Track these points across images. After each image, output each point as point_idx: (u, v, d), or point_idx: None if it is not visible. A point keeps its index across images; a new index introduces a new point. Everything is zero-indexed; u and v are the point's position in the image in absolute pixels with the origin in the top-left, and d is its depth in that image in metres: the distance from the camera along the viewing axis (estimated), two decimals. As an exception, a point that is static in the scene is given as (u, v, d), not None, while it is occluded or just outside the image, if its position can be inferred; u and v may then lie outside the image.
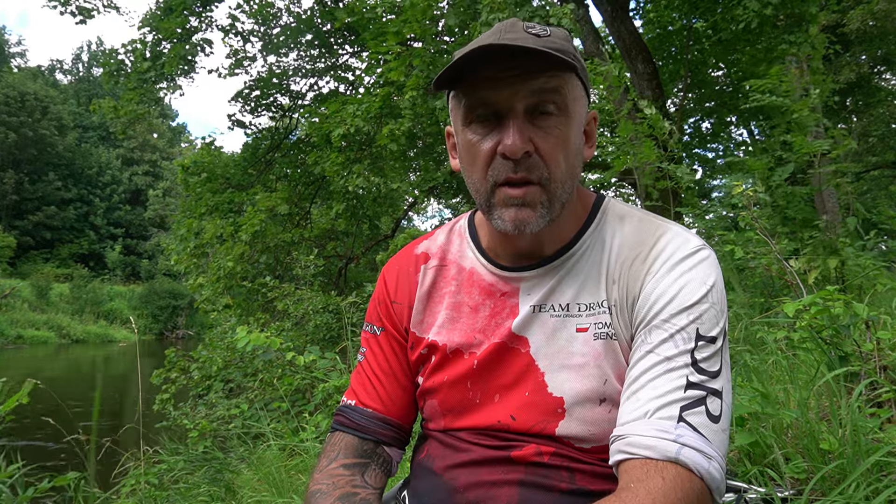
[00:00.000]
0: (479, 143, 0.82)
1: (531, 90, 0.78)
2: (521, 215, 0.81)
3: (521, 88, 0.78)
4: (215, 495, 2.90)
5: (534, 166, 0.80)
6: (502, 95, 0.79)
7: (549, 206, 0.81)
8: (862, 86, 12.10)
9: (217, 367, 5.92)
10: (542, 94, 0.79)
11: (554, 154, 0.80)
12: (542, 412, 0.85)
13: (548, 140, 0.80)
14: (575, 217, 0.90)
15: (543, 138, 0.80)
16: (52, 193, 42.32)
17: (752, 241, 3.06)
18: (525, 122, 0.79)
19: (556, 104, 0.80)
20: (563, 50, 0.79)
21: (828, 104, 6.55)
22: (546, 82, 0.78)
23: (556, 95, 0.79)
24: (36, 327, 29.30)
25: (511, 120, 0.79)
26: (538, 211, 0.81)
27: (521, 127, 0.79)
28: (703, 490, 0.71)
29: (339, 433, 0.98)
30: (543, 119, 0.80)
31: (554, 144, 0.80)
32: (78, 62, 61.99)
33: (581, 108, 0.84)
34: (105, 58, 9.40)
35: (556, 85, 0.79)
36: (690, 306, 0.79)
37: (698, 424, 0.73)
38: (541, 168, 0.80)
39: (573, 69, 0.79)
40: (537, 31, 0.80)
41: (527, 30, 0.80)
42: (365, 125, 6.48)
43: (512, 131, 0.78)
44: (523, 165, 0.80)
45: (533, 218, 0.81)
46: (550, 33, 0.81)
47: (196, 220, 9.10)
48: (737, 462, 1.63)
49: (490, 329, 0.90)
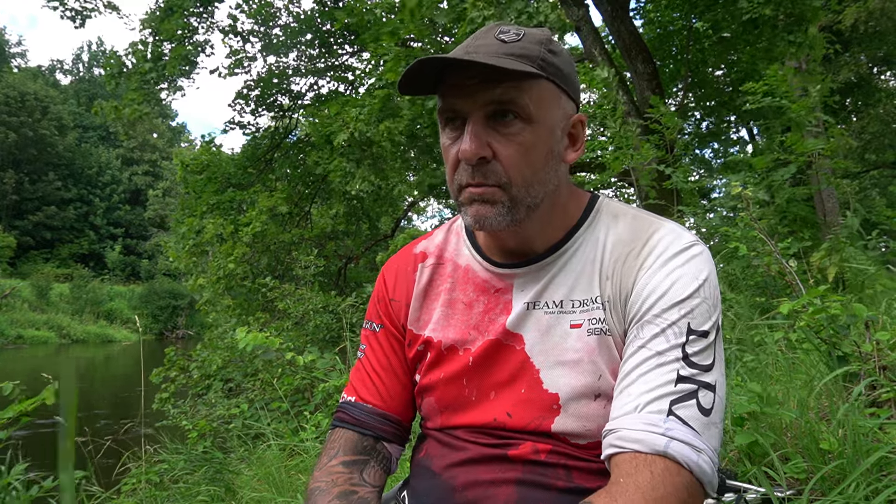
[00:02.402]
0: (449, 147, 0.85)
1: (489, 98, 0.79)
2: (482, 211, 0.82)
3: (479, 96, 0.80)
4: (215, 495, 2.90)
5: (491, 171, 0.81)
6: (465, 103, 0.81)
7: (511, 206, 0.82)
8: (861, 86, 12.11)
9: (216, 367, 5.92)
10: (501, 100, 0.79)
11: (513, 159, 0.81)
12: (537, 409, 0.86)
13: (508, 146, 0.81)
14: (566, 216, 0.91)
15: (503, 144, 0.81)
16: (52, 193, 42.33)
17: (755, 240, 3.06)
18: (485, 127, 0.81)
19: (515, 110, 0.80)
20: (528, 55, 0.79)
21: (827, 104, 6.54)
22: (503, 91, 0.79)
23: (515, 101, 0.80)
24: (36, 327, 29.30)
25: (469, 126, 0.81)
26: (497, 208, 0.82)
27: (477, 133, 0.80)
28: (693, 483, 0.71)
29: (339, 429, 0.98)
30: (505, 125, 0.81)
31: (514, 150, 0.81)
32: (78, 62, 62.05)
33: (554, 112, 0.84)
34: (107, 59, 9.40)
35: (515, 92, 0.79)
36: (682, 301, 0.79)
37: (688, 418, 0.73)
38: (499, 173, 0.81)
39: (538, 75, 0.80)
40: (506, 37, 0.81)
41: (498, 35, 0.81)
42: (367, 129, 6.49)
43: (467, 137, 0.80)
44: (479, 171, 0.81)
45: (492, 214, 0.82)
46: (522, 37, 0.81)
47: (196, 218, 9.10)
48: (736, 462, 1.63)
49: (484, 325, 0.91)
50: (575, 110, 0.88)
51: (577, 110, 0.89)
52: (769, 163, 4.00)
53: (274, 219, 8.49)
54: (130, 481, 3.22)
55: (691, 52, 8.12)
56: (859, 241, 3.59)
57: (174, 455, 3.50)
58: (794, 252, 3.18)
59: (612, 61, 6.34)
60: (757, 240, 3.00)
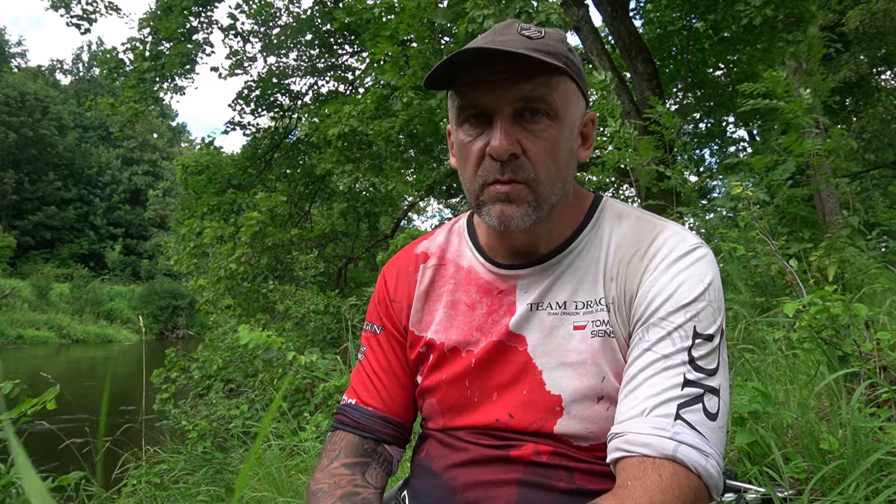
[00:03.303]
0: (470, 144, 0.83)
1: (519, 94, 0.79)
2: (507, 211, 0.82)
3: (509, 92, 0.79)
4: (215, 495, 2.90)
5: (520, 168, 0.81)
6: (491, 98, 0.80)
7: (536, 205, 0.82)
8: (862, 86, 12.11)
9: (217, 367, 5.92)
10: (531, 97, 0.79)
11: (542, 156, 0.81)
12: (540, 410, 0.85)
13: (536, 142, 0.80)
14: (572, 216, 0.90)
15: (532, 140, 0.80)
16: (52, 193, 42.31)
17: (754, 241, 3.06)
18: (513, 124, 0.80)
19: (544, 107, 0.80)
20: (554, 52, 0.79)
21: (827, 104, 6.55)
22: (534, 87, 0.79)
23: (545, 99, 0.79)
24: (36, 327, 29.29)
25: (499, 122, 0.80)
26: (523, 208, 0.82)
27: (508, 129, 0.79)
28: (700, 487, 0.71)
29: (340, 432, 0.98)
30: (532, 122, 0.80)
31: (542, 147, 0.81)
32: (78, 62, 62.03)
33: (575, 111, 0.84)
34: (103, 55, 9.38)
35: (545, 89, 0.79)
36: (687, 304, 0.79)
37: (695, 422, 0.73)
38: (528, 169, 0.81)
39: (564, 72, 0.79)
40: (530, 33, 0.80)
41: (521, 31, 0.80)
42: (360, 126, 6.50)
43: (498, 133, 0.79)
44: (510, 167, 0.80)
45: (518, 214, 0.82)
46: (545, 34, 0.81)
47: (197, 219, 9.10)
48: (737, 462, 1.63)
49: (487, 327, 0.90)
50: (586, 109, 0.89)
51: (587, 109, 0.90)
52: (768, 163, 4.00)
53: (274, 219, 8.49)
54: (131, 482, 3.22)
55: (691, 52, 8.12)
56: (860, 240, 3.59)
57: (174, 455, 3.50)
58: (795, 252, 3.19)
59: (611, 61, 6.33)
60: (757, 240, 3.00)
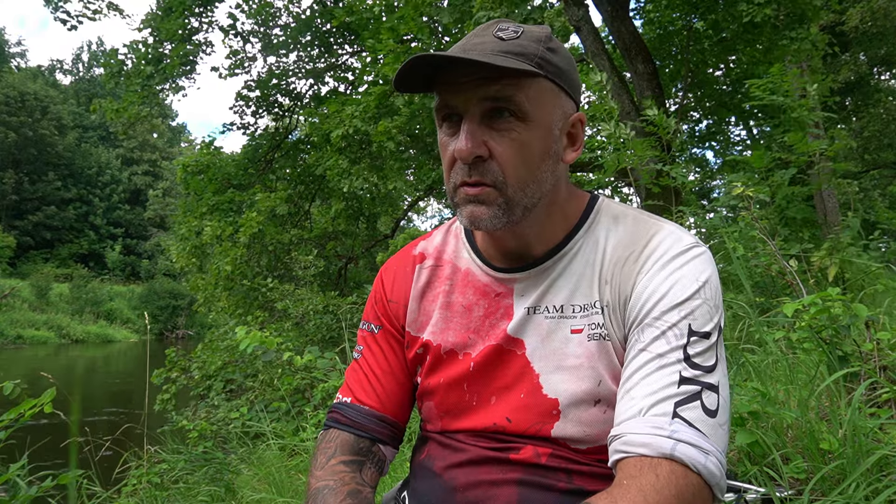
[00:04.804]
0: (446, 145, 0.84)
1: (485, 95, 0.78)
2: (476, 212, 0.81)
3: (476, 93, 0.78)
4: (215, 495, 2.90)
5: (487, 170, 0.80)
6: (460, 100, 0.80)
7: (507, 207, 0.81)
8: (861, 86, 12.11)
9: (216, 367, 5.93)
10: (497, 97, 0.78)
11: (510, 158, 0.80)
12: (537, 414, 0.85)
13: (503, 143, 0.80)
14: (565, 218, 0.90)
15: (499, 142, 0.80)
16: (51, 193, 42.33)
17: (755, 241, 3.05)
18: (481, 125, 0.80)
19: (512, 108, 0.79)
20: (526, 53, 0.78)
21: (827, 104, 6.53)
22: (501, 88, 0.78)
23: (512, 100, 0.78)
24: (36, 327, 29.31)
25: (465, 124, 0.80)
26: (492, 209, 0.81)
27: (473, 131, 0.79)
28: (701, 485, 0.70)
29: (335, 430, 0.97)
30: (501, 123, 0.80)
31: (510, 148, 0.80)
32: (78, 62, 62.01)
33: (552, 111, 0.83)
34: (106, 58, 9.40)
35: (512, 90, 0.78)
36: (682, 302, 0.78)
37: (694, 419, 0.72)
38: (495, 172, 0.80)
39: (537, 74, 0.79)
40: (504, 34, 0.80)
41: (496, 32, 0.80)
42: (363, 126, 6.50)
43: (462, 136, 0.79)
44: (476, 170, 0.80)
45: (487, 215, 0.81)
46: (521, 34, 0.80)
47: (197, 219, 9.11)
48: (737, 462, 1.63)
49: (484, 330, 0.90)
50: (574, 109, 0.87)
51: (577, 109, 0.88)
52: (768, 162, 3.99)
53: (273, 219, 8.49)
54: (131, 482, 3.22)
55: (691, 52, 8.11)
56: (860, 240, 3.58)
57: (174, 455, 3.50)
58: (795, 253, 3.18)
59: (612, 61, 6.33)
60: (757, 240, 3.00)
